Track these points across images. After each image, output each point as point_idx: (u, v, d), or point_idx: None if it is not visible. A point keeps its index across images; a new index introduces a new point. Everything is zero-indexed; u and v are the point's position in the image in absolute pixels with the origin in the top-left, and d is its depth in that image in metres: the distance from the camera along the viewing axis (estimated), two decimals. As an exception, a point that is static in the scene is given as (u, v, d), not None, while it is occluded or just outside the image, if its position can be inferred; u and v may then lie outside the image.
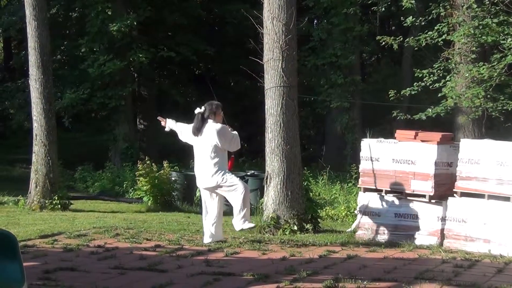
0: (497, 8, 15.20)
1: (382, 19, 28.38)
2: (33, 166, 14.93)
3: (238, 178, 10.10)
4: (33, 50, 14.85)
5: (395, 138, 11.03)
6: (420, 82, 15.84)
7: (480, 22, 15.07)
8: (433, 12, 16.35)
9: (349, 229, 11.86)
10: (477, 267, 8.58)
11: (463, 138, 13.53)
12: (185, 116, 12.15)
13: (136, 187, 16.35)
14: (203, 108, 10.08)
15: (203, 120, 10.02)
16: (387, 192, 10.86)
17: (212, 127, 9.94)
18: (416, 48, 17.09)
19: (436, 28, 15.99)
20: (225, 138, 9.93)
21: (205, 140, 9.95)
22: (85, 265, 8.01)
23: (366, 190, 11.14)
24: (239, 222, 9.88)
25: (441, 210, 10.36)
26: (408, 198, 10.67)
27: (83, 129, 30.75)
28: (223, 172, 9.88)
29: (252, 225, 10.07)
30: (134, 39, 24.29)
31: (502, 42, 15.02)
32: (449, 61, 16.07)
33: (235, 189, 9.84)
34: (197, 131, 10.02)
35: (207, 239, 10.02)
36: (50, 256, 8.56)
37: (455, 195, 10.23)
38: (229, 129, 10.03)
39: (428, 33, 15.99)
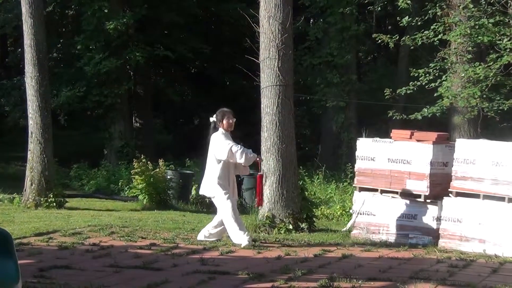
0: (493, 8, 15.23)
1: (379, 19, 28.38)
2: (28, 164, 14.91)
3: (228, 195, 9.76)
4: (29, 48, 14.83)
5: (390, 137, 11.04)
6: (416, 82, 15.85)
7: (476, 22, 15.10)
8: (429, 12, 16.36)
9: (344, 229, 11.87)
10: (472, 267, 8.59)
11: (459, 138, 13.54)
12: (181, 113, 12.14)
13: (132, 185, 16.31)
14: (214, 116, 10.00)
15: (214, 129, 9.95)
16: (382, 191, 10.86)
17: (213, 137, 9.89)
18: (412, 48, 17.12)
19: (432, 27, 16.00)
20: (215, 148, 9.82)
21: (209, 149, 9.91)
22: (80, 263, 8.01)
23: (362, 189, 11.14)
24: (233, 237, 9.79)
25: (436, 210, 10.37)
26: (404, 197, 10.68)
27: (79, 127, 30.68)
28: (215, 185, 9.76)
29: (245, 243, 9.59)
30: (131, 37, 24.25)
31: (498, 42, 15.05)
32: (445, 60, 16.08)
33: (221, 208, 9.81)
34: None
35: (201, 237, 10.00)
36: (45, 254, 8.55)
37: (450, 195, 10.23)
38: (224, 140, 9.81)
39: (424, 32, 16.00)
